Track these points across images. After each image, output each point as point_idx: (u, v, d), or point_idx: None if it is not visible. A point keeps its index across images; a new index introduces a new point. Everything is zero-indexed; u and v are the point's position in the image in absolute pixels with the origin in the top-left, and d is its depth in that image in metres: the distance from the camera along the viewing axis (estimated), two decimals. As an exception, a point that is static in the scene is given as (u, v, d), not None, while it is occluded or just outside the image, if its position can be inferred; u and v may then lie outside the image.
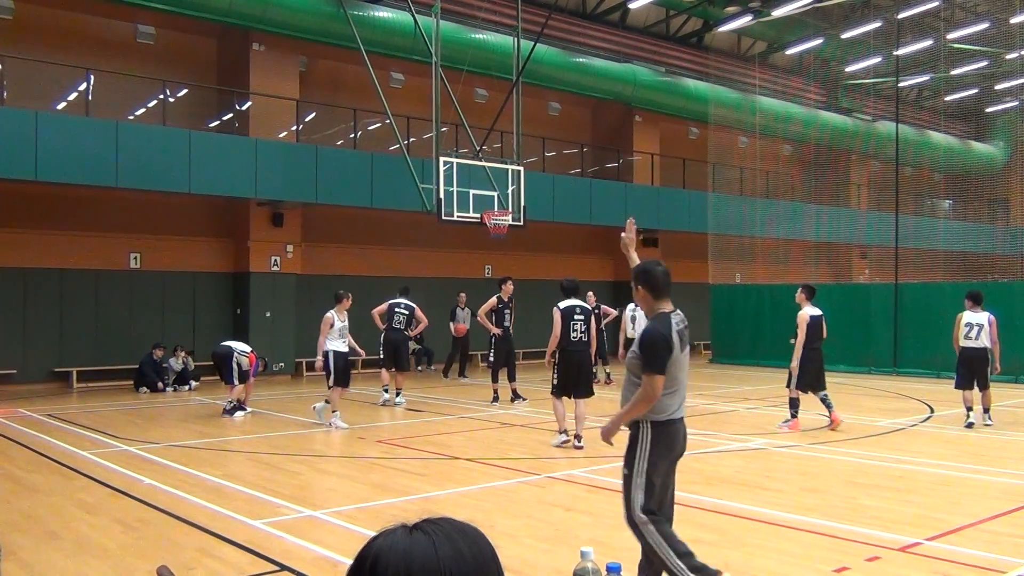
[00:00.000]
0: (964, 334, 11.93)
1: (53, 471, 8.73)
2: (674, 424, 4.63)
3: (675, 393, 4.62)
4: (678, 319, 4.67)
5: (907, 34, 26.16)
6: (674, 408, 4.63)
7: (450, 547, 1.23)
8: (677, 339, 4.56)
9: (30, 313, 16.91)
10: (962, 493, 7.70)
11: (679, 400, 4.65)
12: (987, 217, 31.08)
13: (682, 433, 4.71)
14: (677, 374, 4.60)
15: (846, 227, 27.44)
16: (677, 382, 4.61)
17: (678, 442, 4.68)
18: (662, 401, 4.55)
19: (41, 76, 17.15)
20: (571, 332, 10.03)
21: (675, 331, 4.59)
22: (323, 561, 5.66)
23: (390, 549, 1.22)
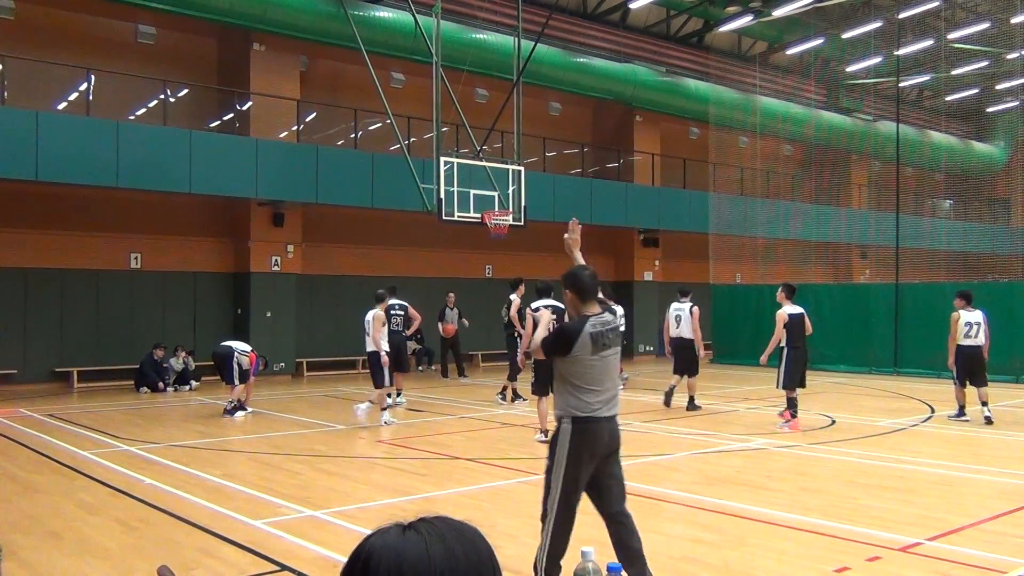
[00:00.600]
0: (964, 333, 12.03)
1: (54, 471, 8.73)
2: (596, 422, 4.79)
3: (595, 392, 4.78)
4: (600, 322, 4.83)
5: (908, 34, 26.16)
6: (595, 407, 4.78)
7: (443, 547, 1.23)
8: (589, 340, 4.74)
9: (31, 313, 16.91)
10: (963, 493, 7.70)
11: (601, 400, 4.80)
12: (988, 217, 31.09)
13: (607, 431, 4.84)
14: (595, 374, 4.78)
15: (847, 227, 27.44)
16: (596, 382, 4.79)
17: (601, 439, 4.82)
18: (582, 399, 4.76)
19: (42, 76, 17.16)
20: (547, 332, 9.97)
21: (588, 332, 4.76)
22: (324, 561, 5.66)
23: (383, 548, 1.22)
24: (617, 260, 26.17)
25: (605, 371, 4.83)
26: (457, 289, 20.38)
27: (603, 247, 25.99)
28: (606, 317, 4.90)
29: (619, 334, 4.97)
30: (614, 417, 4.91)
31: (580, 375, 4.78)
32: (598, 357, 4.80)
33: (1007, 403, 14.56)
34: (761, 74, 26.60)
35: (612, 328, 4.89)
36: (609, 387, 4.87)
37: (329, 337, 20.19)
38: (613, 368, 4.91)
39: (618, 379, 5.04)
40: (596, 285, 4.97)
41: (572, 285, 4.97)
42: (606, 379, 4.84)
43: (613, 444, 4.92)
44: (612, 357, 4.88)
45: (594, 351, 4.78)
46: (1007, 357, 17.73)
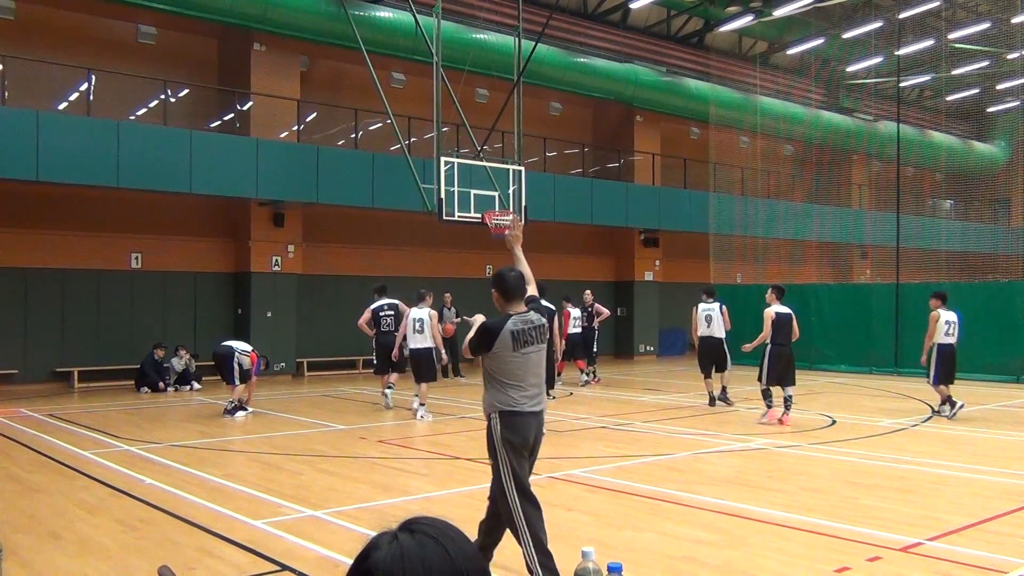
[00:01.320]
0: (945, 332, 12.41)
1: (54, 471, 8.73)
2: (521, 415, 5.04)
3: (518, 388, 5.03)
4: (522, 320, 5.07)
5: (908, 34, 26.15)
6: (520, 402, 5.04)
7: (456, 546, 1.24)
8: (510, 338, 4.98)
9: (31, 313, 16.92)
10: (963, 493, 7.69)
11: (526, 395, 5.05)
12: (988, 217, 31.07)
13: (532, 425, 5.10)
14: (518, 371, 5.02)
15: (847, 227, 27.43)
16: (520, 378, 5.04)
17: (527, 432, 5.07)
18: (507, 394, 5.03)
19: (42, 76, 17.16)
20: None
21: (508, 330, 4.99)
22: (324, 561, 5.66)
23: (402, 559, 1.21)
24: (617, 260, 26.17)
25: (527, 367, 5.05)
26: (457, 289, 20.37)
27: (603, 247, 26.00)
28: (529, 316, 5.12)
29: (543, 332, 5.17)
30: (540, 412, 5.14)
31: (504, 371, 5.02)
32: (520, 354, 5.02)
33: (1007, 403, 14.55)
34: (761, 74, 26.60)
35: (534, 327, 5.10)
36: (532, 383, 5.08)
37: (330, 337, 20.19)
38: (536, 365, 5.11)
39: (543, 375, 5.25)
40: (521, 286, 5.20)
41: (497, 285, 5.20)
42: (529, 375, 5.06)
43: (538, 439, 5.21)
44: (535, 354, 5.09)
45: (515, 348, 5.00)
46: (1007, 357, 17.73)
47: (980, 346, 18.07)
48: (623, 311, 25.65)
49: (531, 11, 20.19)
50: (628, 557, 5.43)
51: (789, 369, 12.05)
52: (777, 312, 12.02)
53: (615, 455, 9.66)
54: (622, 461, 9.26)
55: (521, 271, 5.41)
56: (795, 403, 12.27)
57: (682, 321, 26.62)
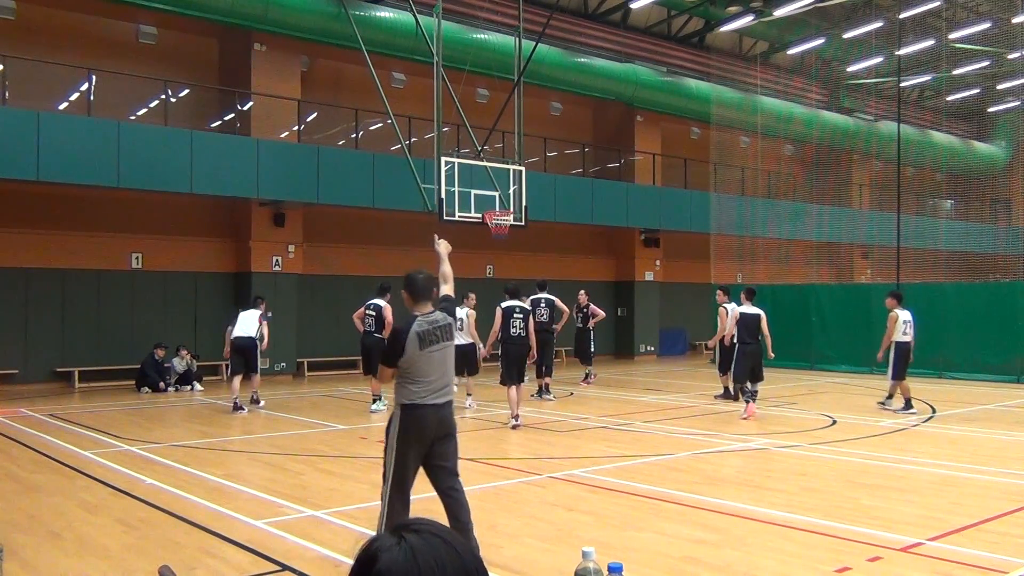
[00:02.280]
0: (902, 331, 13.03)
1: (55, 471, 8.74)
2: (421, 408, 5.36)
3: (422, 383, 5.37)
4: (427, 321, 5.41)
5: (909, 34, 26.13)
6: (422, 396, 5.37)
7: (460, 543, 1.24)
8: (416, 339, 5.31)
9: (32, 313, 16.92)
10: (964, 493, 7.69)
11: (428, 390, 5.38)
12: (989, 217, 31.05)
13: (433, 417, 5.40)
14: (423, 367, 5.36)
15: (848, 227, 27.42)
16: (424, 374, 5.37)
17: (428, 424, 5.38)
18: (410, 389, 5.37)
19: (43, 76, 17.16)
20: (511, 328, 11.80)
21: (415, 331, 5.33)
22: (325, 561, 5.66)
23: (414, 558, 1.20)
24: (618, 260, 26.16)
25: (432, 364, 5.39)
26: (458, 289, 20.32)
27: (604, 247, 26.00)
28: (434, 316, 5.48)
29: (448, 331, 5.52)
30: (444, 405, 5.47)
31: (409, 368, 5.35)
32: (425, 352, 5.35)
33: (1007, 403, 14.55)
34: (762, 74, 26.59)
35: (440, 326, 5.46)
36: (436, 378, 5.41)
37: (330, 337, 20.18)
38: (442, 362, 5.45)
39: (450, 372, 5.59)
40: (429, 288, 5.58)
41: (406, 287, 5.57)
42: (432, 371, 5.39)
43: (443, 429, 5.48)
44: (439, 352, 5.43)
45: (421, 347, 5.34)
46: (1007, 357, 17.73)
47: (980, 346, 18.10)
48: (623, 311, 25.65)
49: (531, 11, 20.19)
50: (628, 557, 5.44)
51: (758, 366, 12.59)
52: (743, 312, 12.51)
53: (616, 455, 9.66)
54: (623, 461, 9.26)
55: (431, 274, 5.79)
56: (795, 403, 12.28)
57: (683, 321, 26.74)
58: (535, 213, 18.07)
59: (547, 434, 11.28)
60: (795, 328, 21.15)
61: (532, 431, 11.53)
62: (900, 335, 12.99)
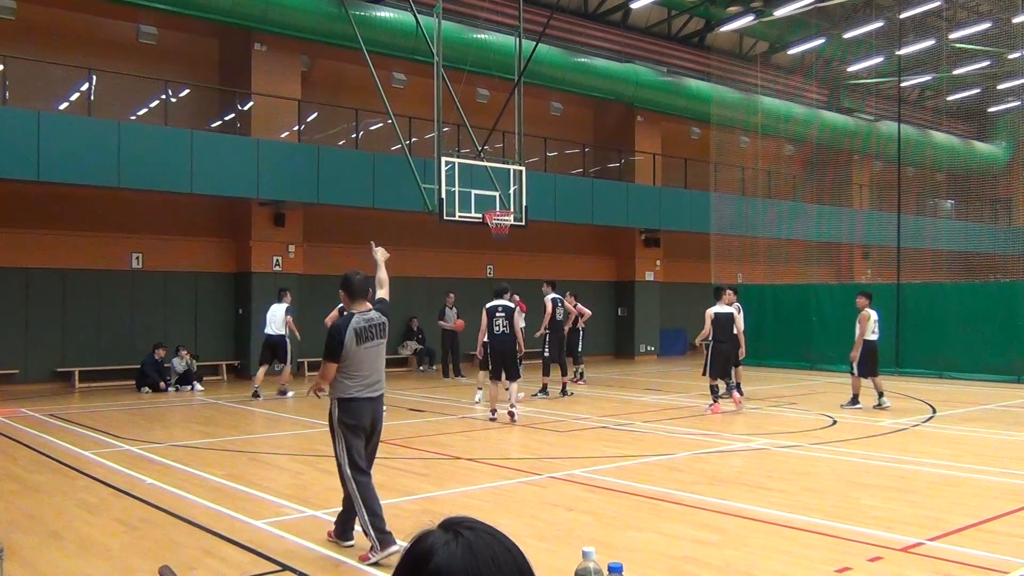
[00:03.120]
0: (872, 329, 13.54)
1: (55, 471, 8.74)
2: (357, 401, 5.77)
3: (356, 377, 5.76)
4: (364, 319, 5.79)
5: (909, 34, 26.13)
6: (356, 389, 5.76)
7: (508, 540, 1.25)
8: (353, 335, 5.71)
9: (32, 313, 16.92)
10: (964, 493, 7.69)
11: (362, 384, 5.77)
12: (989, 217, 31.05)
13: (368, 409, 5.81)
14: (358, 363, 5.74)
15: (848, 227, 27.41)
16: (358, 369, 5.75)
17: (363, 416, 5.79)
18: (344, 383, 5.75)
19: (43, 76, 17.16)
20: (493, 327, 12.15)
21: (352, 328, 5.73)
22: (325, 561, 5.66)
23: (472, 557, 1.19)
24: (618, 260, 26.16)
25: (367, 359, 5.78)
26: (458, 289, 20.37)
27: (604, 247, 25.99)
28: (370, 315, 5.86)
29: (383, 330, 5.89)
30: (376, 398, 5.86)
31: (346, 363, 5.72)
32: (362, 348, 5.75)
33: (1007, 403, 14.55)
34: (762, 74, 26.58)
35: (375, 324, 5.85)
36: (369, 373, 5.80)
37: (330, 337, 20.17)
38: (375, 358, 5.86)
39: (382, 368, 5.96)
40: (365, 288, 5.98)
41: (343, 287, 5.96)
42: (366, 366, 5.78)
43: (376, 421, 5.91)
44: (374, 348, 5.83)
45: (358, 343, 5.73)
46: (1007, 357, 17.72)
47: (980, 346, 18.09)
48: (624, 311, 25.65)
49: (532, 11, 20.19)
50: (629, 557, 5.43)
51: (728, 363, 13.30)
52: (717, 312, 13.08)
53: (616, 455, 9.65)
54: (623, 461, 9.26)
55: (368, 275, 6.19)
56: (795, 403, 12.30)
57: (684, 321, 26.72)
58: (535, 213, 18.07)
59: (547, 434, 11.28)
60: (795, 328, 21.15)
61: (532, 431, 11.53)
62: (869, 334, 13.48)
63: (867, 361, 13.45)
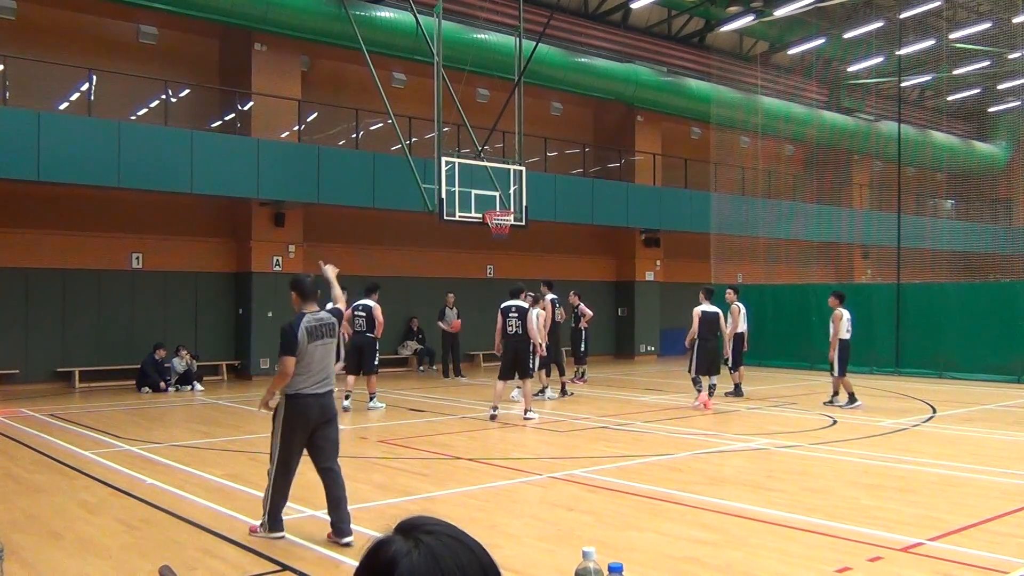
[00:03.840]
0: (846, 329, 13.85)
1: (55, 471, 8.74)
2: (304, 398, 6.04)
3: (306, 374, 6.03)
4: (314, 319, 6.11)
5: (909, 34, 26.13)
6: (305, 386, 6.04)
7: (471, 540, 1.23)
8: (304, 333, 6.01)
9: (32, 313, 16.92)
10: (964, 493, 7.69)
11: (311, 381, 6.05)
12: (989, 217, 31.05)
13: (316, 404, 6.08)
14: (307, 360, 6.01)
15: (848, 227, 27.41)
16: (306, 366, 6.02)
17: (310, 411, 6.06)
18: (294, 379, 6.01)
19: (43, 76, 17.16)
20: (507, 327, 12.33)
21: (304, 327, 6.04)
22: (325, 561, 5.66)
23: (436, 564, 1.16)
24: (618, 260, 26.16)
25: (316, 357, 6.07)
26: (458, 289, 20.37)
27: (604, 247, 25.98)
28: (321, 315, 6.21)
29: (332, 330, 6.22)
30: (325, 394, 6.14)
31: (298, 360, 5.99)
32: (312, 345, 6.05)
33: (1008, 403, 14.55)
34: (762, 74, 26.58)
35: (325, 324, 6.18)
36: (318, 370, 6.08)
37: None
38: (325, 355, 6.14)
39: (331, 365, 6.22)
40: (315, 290, 6.31)
41: (294, 288, 6.33)
42: (315, 363, 6.07)
43: (325, 415, 6.13)
44: (323, 346, 6.13)
45: (310, 340, 6.05)
46: (1007, 357, 17.72)
47: (980, 346, 18.09)
48: (624, 311, 25.65)
49: (532, 11, 20.19)
50: (629, 557, 5.43)
51: (715, 361, 13.69)
52: (704, 311, 13.59)
53: (616, 455, 9.66)
54: (623, 461, 9.26)
55: (317, 278, 6.62)
56: (795, 403, 12.27)
57: (684, 321, 26.69)
58: (535, 213, 18.07)
59: (547, 434, 11.28)
60: (795, 328, 21.14)
61: (532, 431, 11.53)
62: (843, 333, 13.81)
63: (844, 360, 13.78)
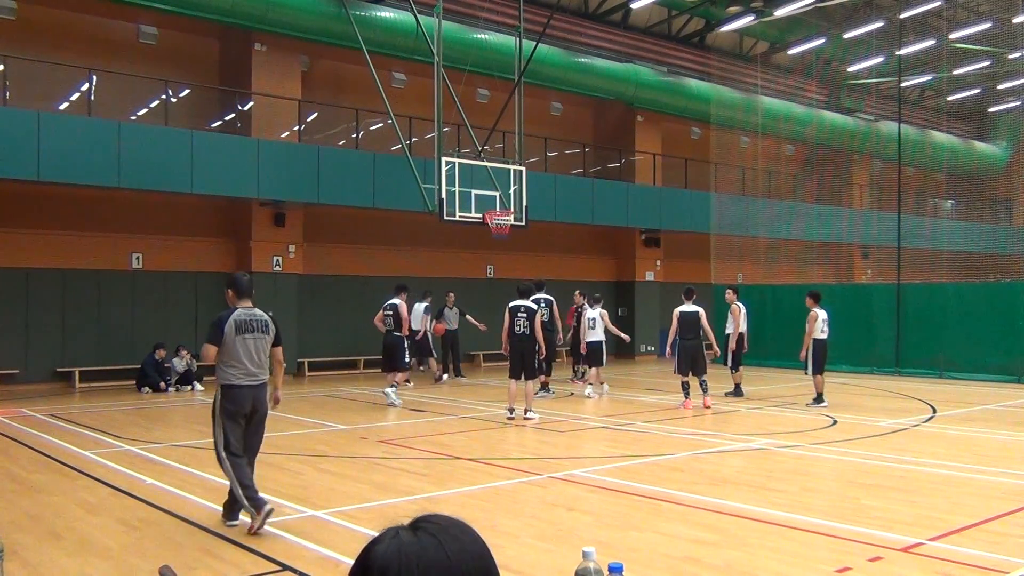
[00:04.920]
0: (820, 329, 13.97)
1: (55, 471, 8.74)
2: (237, 388, 6.44)
3: (235, 366, 6.43)
4: (245, 314, 6.55)
5: (909, 34, 26.13)
6: (235, 378, 6.43)
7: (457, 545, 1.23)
8: (233, 325, 6.45)
9: (32, 313, 16.92)
10: (964, 493, 7.69)
11: (241, 372, 6.43)
12: (989, 217, 31.05)
13: (248, 395, 6.46)
14: (237, 353, 6.42)
15: (848, 227, 27.41)
16: (237, 358, 6.42)
17: (243, 401, 6.44)
18: (225, 371, 6.44)
19: (43, 76, 17.17)
20: (514, 327, 12.37)
21: (232, 320, 6.47)
22: (325, 561, 5.66)
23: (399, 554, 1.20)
24: (618, 260, 26.16)
25: (244, 349, 6.45)
26: (459, 289, 20.36)
27: (604, 247, 25.99)
28: (254, 311, 6.64)
29: (264, 326, 6.60)
30: (258, 386, 6.50)
31: (227, 353, 6.41)
32: (240, 338, 6.45)
33: (1008, 403, 14.55)
34: (762, 74, 26.58)
35: (257, 319, 6.58)
36: (248, 363, 6.45)
37: (330, 337, 20.20)
38: (255, 350, 6.49)
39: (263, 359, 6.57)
40: (250, 288, 6.74)
41: (229, 286, 6.72)
42: (245, 356, 6.45)
43: (255, 407, 6.51)
44: (252, 340, 6.50)
45: (237, 332, 6.44)
46: (1008, 357, 17.72)
47: (980, 346, 18.08)
48: (624, 311, 25.65)
49: (532, 11, 20.19)
50: (629, 557, 5.43)
51: (698, 360, 13.71)
52: (682, 311, 13.74)
53: (616, 455, 9.66)
54: (623, 461, 9.26)
55: (251, 277, 6.98)
56: (795, 403, 12.27)
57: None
58: (535, 213, 18.07)
59: (547, 434, 11.28)
60: (795, 328, 21.06)
61: (532, 431, 11.53)
62: (818, 333, 13.94)
63: (818, 359, 13.91)
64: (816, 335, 13.94)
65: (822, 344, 13.98)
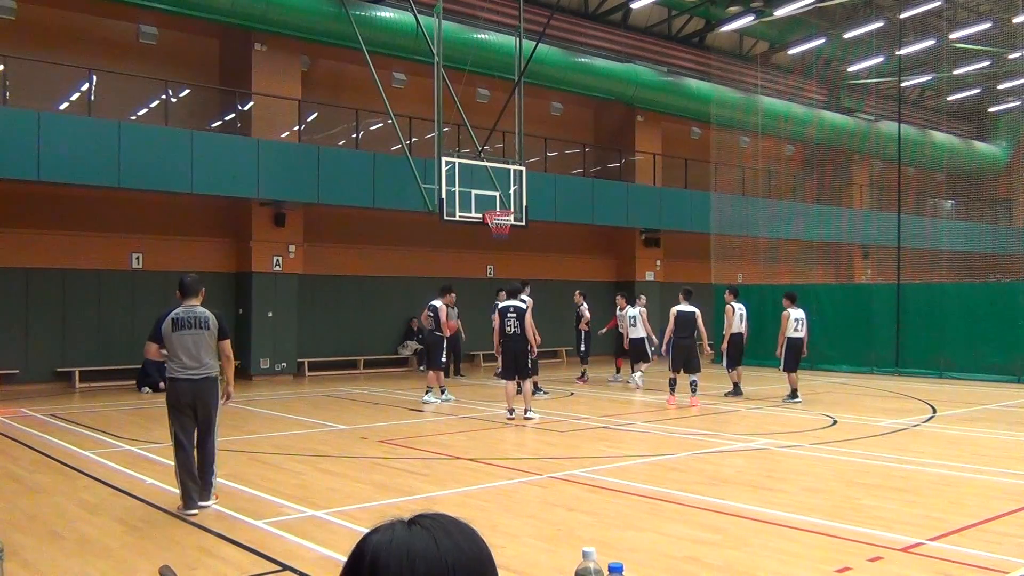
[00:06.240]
0: (793, 328, 14.46)
1: (55, 471, 8.74)
2: (178, 381, 6.95)
3: (176, 360, 6.92)
4: (187, 311, 6.97)
5: (909, 34, 26.13)
6: (174, 371, 6.94)
7: (450, 541, 1.23)
8: (170, 322, 6.89)
9: (32, 313, 16.92)
10: (964, 493, 7.69)
11: (180, 366, 6.92)
12: (989, 217, 31.06)
13: (188, 389, 6.93)
14: (176, 348, 6.89)
15: (848, 227, 27.42)
16: (175, 353, 6.90)
17: (182, 394, 6.93)
18: (168, 365, 7.00)
19: (43, 76, 17.16)
20: (505, 327, 12.44)
21: (170, 317, 6.92)
22: (325, 561, 5.66)
23: (390, 544, 1.22)
24: (618, 260, 26.16)
25: (181, 345, 6.90)
26: (459, 289, 20.32)
27: (604, 247, 25.99)
28: (196, 310, 7.02)
29: (205, 323, 6.97)
30: (199, 380, 6.94)
31: (167, 347, 6.90)
32: (177, 335, 6.89)
33: (1008, 403, 14.55)
34: (762, 74, 26.59)
35: (197, 317, 6.96)
36: (187, 358, 6.90)
37: (331, 337, 20.20)
38: (192, 345, 6.90)
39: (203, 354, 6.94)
40: (196, 288, 7.12)
41: (179, 287, 7.15)
42: (183, 352, 6.90)
43: (197, 399, 6.95)
44: (190, 336, 6.92)
45: (174, 329, 6.89)
46: (1008, 357, 17.72)
47: (981, 346, 18.08)
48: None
49: (532, 11, 20.19)
50: (629, 557, 5.43)
51: (692, 358, 13.98)
52: (680, 310, 14.13)
53: (616, 455, 9.66)
54: (623, 461, 9.27)
55: (198, 277, 7.34)
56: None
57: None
58: (535, 213, 18.07)
59: (547, 434, 11.28)
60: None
61: (532, 431, 11.53)
62: (792, 332, 14.40)
63: (790, 357, 14.38)
64: (790, 334, 14.39)
65: (797, 343, 14.44)
